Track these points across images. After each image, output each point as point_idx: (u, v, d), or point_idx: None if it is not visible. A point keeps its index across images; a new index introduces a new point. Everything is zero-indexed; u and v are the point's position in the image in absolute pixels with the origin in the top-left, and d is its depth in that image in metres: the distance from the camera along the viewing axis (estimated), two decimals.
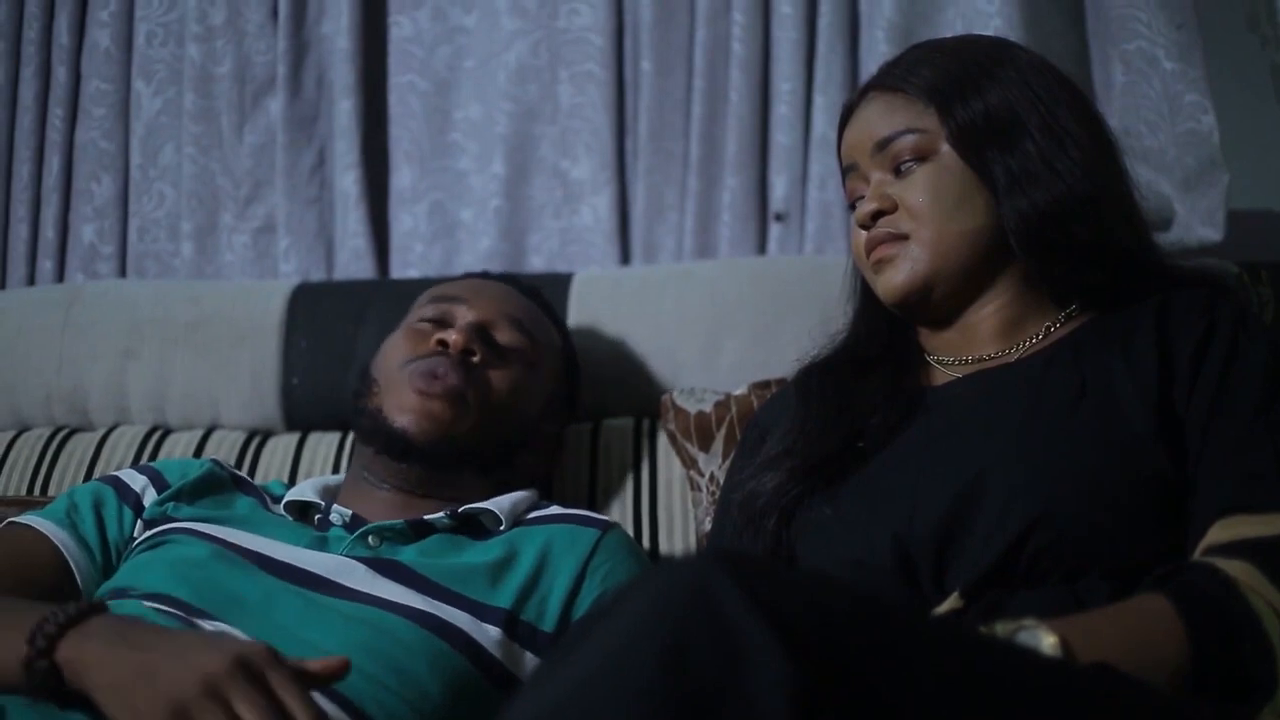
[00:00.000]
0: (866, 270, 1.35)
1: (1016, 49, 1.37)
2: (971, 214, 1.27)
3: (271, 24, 2.23)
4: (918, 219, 1.28)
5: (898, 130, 1.30)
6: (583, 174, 2.13)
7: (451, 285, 1.67)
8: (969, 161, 1.27)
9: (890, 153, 1.31)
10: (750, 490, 1.31)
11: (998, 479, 1.14)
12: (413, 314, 1.63)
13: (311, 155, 2.22)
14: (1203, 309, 1.21)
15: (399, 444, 1.48)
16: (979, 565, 1.11)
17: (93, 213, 2.28)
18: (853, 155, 1.36)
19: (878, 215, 1.30)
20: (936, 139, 1.29)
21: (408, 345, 1.56)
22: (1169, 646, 1.00)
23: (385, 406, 1.51)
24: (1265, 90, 2.08)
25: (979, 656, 0.84)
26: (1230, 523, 1.08)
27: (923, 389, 1.32)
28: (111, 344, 1.95)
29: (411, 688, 1.24)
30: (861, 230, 1.33)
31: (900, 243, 1.29)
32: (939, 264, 1.28)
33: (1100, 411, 1.17)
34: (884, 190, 1.31)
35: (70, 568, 1.40)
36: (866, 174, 1.33)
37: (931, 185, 1.28)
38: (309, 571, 1.35)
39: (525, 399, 1.58)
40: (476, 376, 1.52)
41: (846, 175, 1.38)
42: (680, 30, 2.11)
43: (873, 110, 1.34)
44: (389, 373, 1.54)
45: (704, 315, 1.83)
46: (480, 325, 1.56)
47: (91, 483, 1.52)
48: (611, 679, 0.74)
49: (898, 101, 1.32)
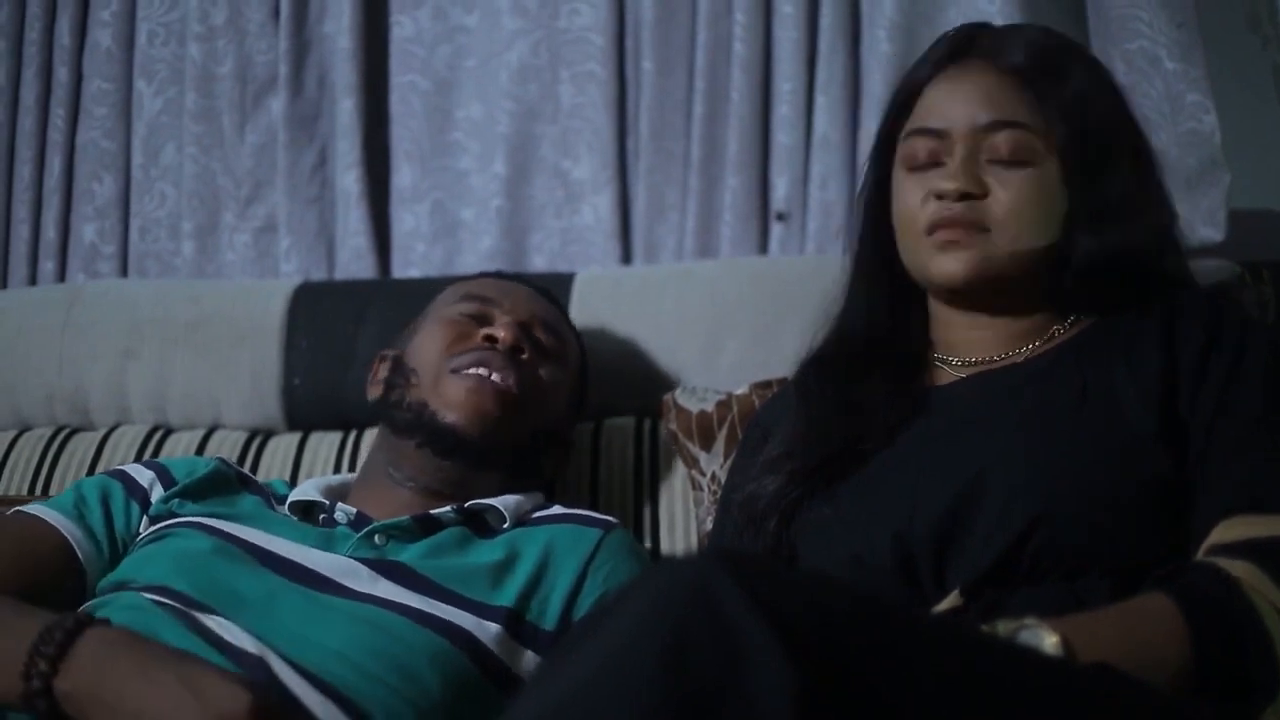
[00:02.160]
0: (917, 245, 1.30)
1: (1108, 71, 1.35)
2: (1049, 231, 1.26)
3: (273, 24, 2.23)
4: (1006, 219, 1.25)
5: (1012, 120, 1.26)
6: (584, 174, 2.13)
7: (479, 284, 1.65)
8: (1067, 183, 1.26)
9: (994, 140, 1.26)
10: (751, 492, 1.31)
11: (998, 478, 1.14)
12: (444, 307, 1.61)
13: (313, 155, 2.22)
14: (1208, 314, 1.21)
15: (447, 440, 1.47)
16: (979, 564, 1.11)
17: (94, 212, 2.28)
18: (945, 119, 1.29)
19: (965, 195, 1.26)
20: (1047, 148, 1.26)
21: (450, 337, 1.54)
22: (1171, 647, 1.00)
23: (430, 401, 1.49)
24: (1266, 90, 2.08)
25: (979, 656, 0.84)
26: (1234, 523, 1.08)
27: (926, 389, 1.32)
28: (112, 344, 1.95)
29: (413, 687, 1.24)
30: (934, 200, 1.27)
31: (980, 234, 1.26)
32: (1007, 269, 1.26)
33: (1102, 413, 1.17)
34: (976, 172, 1.26)
35: (77, 557, 1.39)
36: (953, 145, 1.28)
37: (1032, 194, 1.25)
38: (312, 570, 1.34)
39: (557, 399, 1.58)
40: (525, 374, 1.52)
41: (918, 135, 1.31)
42: (681, 30, 2.10)
43: (984, 86, 1.29)
44: (430, 365, 1.52)
45: (705, 315, 1.83)
46: (522, 325, 1.56)
47: (98, 476, 1.51)
48: (612, 678, 0.75)
49: (1010, 86, 1.28)
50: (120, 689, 1.09)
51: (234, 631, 1.22)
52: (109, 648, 1.13)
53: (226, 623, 1.23)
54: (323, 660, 1.21)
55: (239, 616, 1.24)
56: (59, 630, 1.13)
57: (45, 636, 1.12)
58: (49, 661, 1.10)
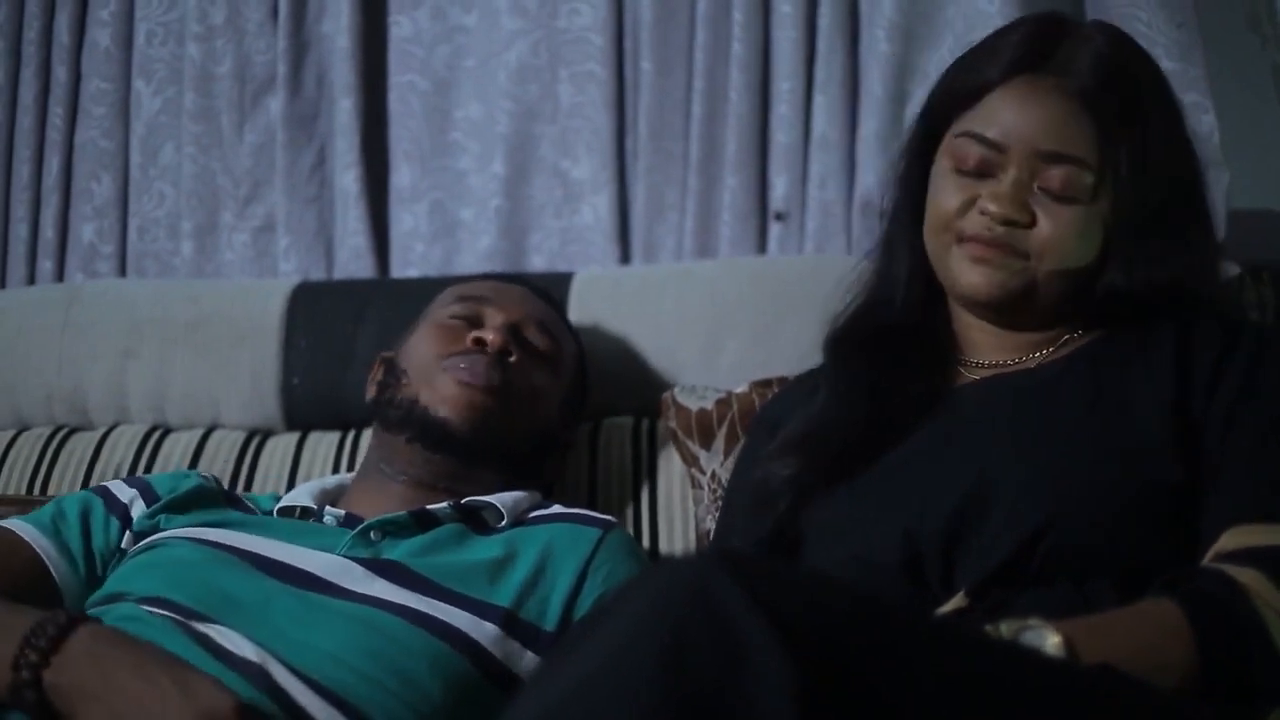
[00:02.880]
0: (946, 247, 1.28)
1: (1173, 98, 1.31)
2: (1085, 257, 1.25)
3: (271, 23, 2.22)
4: (1045, 252, 1.23)
5: (1072, 156, 1.23)
6: (583, 173, 2.13)
7: (474, 285, 1.66)
8: (1117, 215, 1.24)
9: (1051, 171, 1.23)
10: (766, 473, 1.31)
11: (1008, 480, 1.14)
12: (437, 310, 1.62)
13: (311, 154, 2.21)
14: (1224, 327, 1.21)
15: (436, 432, 1.48)
16: (987, 565, 1.12)
17: (92, 212, 2.28)
18: (1007, 135, 1.24)
19: (1010, 222, 1.23)
20: (1100, 187, 1.23)
21: (441, 340, 1.55)
22: (1176, 651, 1.00)
23: (422, 398, 1.50)
24: (1265, 90, 2.07)
25: (980, 656, 0.85)
26: (1242, 531, 1.08)
27: (939, 389, 1.32)
28: (111, 343, 1.95)
29: (412, 689, 1.24)
30: (977, 214, 1.25)
31: (1016, 259, 1.24)
32: (1033, 292, 1.26)
33: (1113, 419, 1.17)
34: (1026, 200, 1.24)
35: (50, 573, 1.39)
36: (1007, 164, 1.24)
37: (1077, 231, 1.23)
38: (306, 571, 1.34)
39: (549, 401, 1.59)
40: (513, 376, 1.52)
41: (973, 139, 1.26)
42: (680, 30, 2.10)
43: (1052, 111, 1.24)
44: (423, 366, 1.54)
45: (704, 315, 1.83)
46: (513, 326, 1.56)
47: (81, 492, 1.51)
48: (612, 679, 0.75)
49: (1077, 115, 1.23)
50: (109, 683, 1.09)
51: (234, 639, 1.22)
52: (100, 643, 1.13)
53: (226, 631, 1.23)
54: (322, 665, 1.21)
55: (237, 624, 1.24)
56: (51, 624, 1.13)
57: (38, 629, 1.13)
58: (40, 653, 1.11)
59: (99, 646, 1.13)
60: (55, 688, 1.10)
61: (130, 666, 1.11)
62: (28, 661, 1.10)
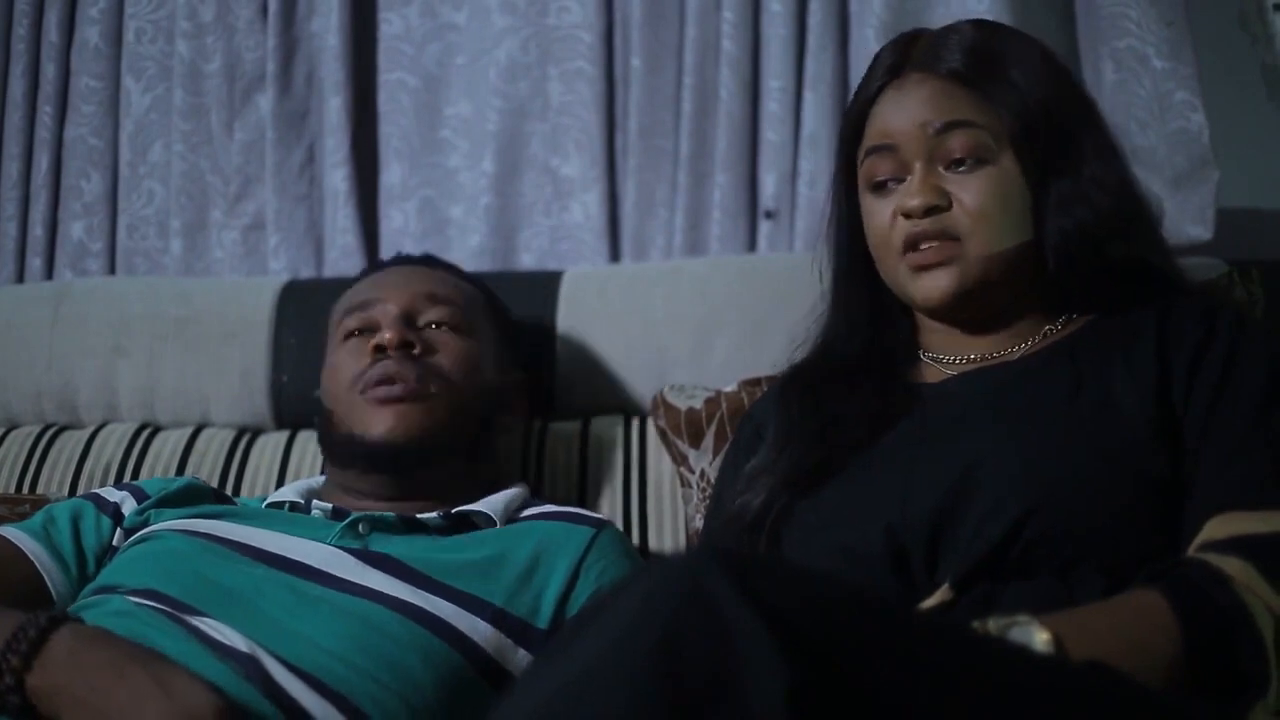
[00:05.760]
0: (894, 269, 1.30)
1: (1052, 53, 1.33)
2: (1020, 228, 1.25)
3: (261, 21, 2.22)
4: (974, 224, 1.24)
5: (960, 120, 1.25)
6: (573, 171, 2.13)
7: (356, 291, 1.65)
8: (1027, 175, 1.24)
9: (947, 145, 1.25)
10: (740, 505, 1.31)
11: (990, 471, 1.14)
12: (334, 334, 1.61)
13: (301, 152, 2.21)
14: (1203, 314, 1.21)
15: (383, 455, 1.47)
16: (971, 556, 1.12)
17: (82, 210, 2.27)
18: (893, 136, 1.28)
19: (931, 210, 1.25)
20: (1001, 144, 1.24)
21: (346, 364, 1.54)
22: (1162, 643, 1.00)
23: (355, 430, 1.49)
24: (1255, 88, 2.08)
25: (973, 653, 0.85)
26: (1227, 519, 1.08)
27: (916, 386, 1.32)
28: (101, 341, 1.95)
29: (404, 682, 1.24)
30: (902, 219, 1.26)
31: (952, 245, 1.24)
32: (987, 275, 1.25)
33: (1095, 408, 1.18)
34: (936, 183, 1.25)
35: (43, 579, 1.38)
36: (908, 160, 1.27)
37: (995, 192, 1.24)
38: (298, 561, 1.34)
39: (476, 360, 1.57)
40: (426, 365, 1.51)
41: (873, 154, 1.30)
42: (670, 27, 2.10)
43: (925, 93, 1.27)
44: (341, 398, 1.53)
45: (694, 312, 1.83)
46: (404, 315, 1.55)
47: (70, 499, 1.51)
48: (605, 675, 0.75)
49: (952, 90, 1.26)
50: (92, 684, 1.09)
51: (225, 631, 1.21)
52: (82, 644, 1.13)
53: (216, 623, 1.23)
54: (314, 657, 1.21)
55: (228, 614, 1.24)
56: (32, 627, 1.13)
57: (19, 633, 1.12)
58: (22, 658, 1.11)
59: (79, 646, 1.12)
60: (38, 691, 1.10)
61: (110, 666, 1.11)
62: (10, 666, 1.10)
